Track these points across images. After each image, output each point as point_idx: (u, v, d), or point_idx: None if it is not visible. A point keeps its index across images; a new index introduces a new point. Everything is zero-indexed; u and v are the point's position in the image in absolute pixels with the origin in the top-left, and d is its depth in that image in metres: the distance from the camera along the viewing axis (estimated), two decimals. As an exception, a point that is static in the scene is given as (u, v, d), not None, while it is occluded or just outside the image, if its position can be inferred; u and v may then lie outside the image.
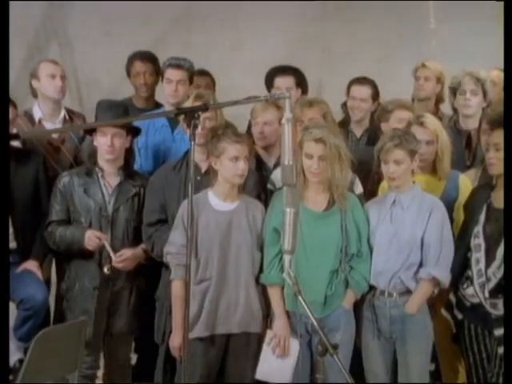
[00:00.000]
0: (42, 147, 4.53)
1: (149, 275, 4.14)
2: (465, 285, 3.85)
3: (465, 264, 3.85)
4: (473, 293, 3.79)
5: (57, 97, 4.61)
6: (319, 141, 3.68)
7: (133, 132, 4.15)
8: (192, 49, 5.08)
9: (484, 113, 4.59)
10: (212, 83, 5.37)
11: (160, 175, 4.06)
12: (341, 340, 3.60)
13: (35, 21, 5.91)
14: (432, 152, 4.08)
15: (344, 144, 3.77)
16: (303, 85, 4.98)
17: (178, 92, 4.57)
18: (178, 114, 3.33)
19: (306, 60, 5.47)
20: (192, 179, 2.98)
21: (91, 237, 3.98)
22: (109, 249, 3.98)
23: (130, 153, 4.20)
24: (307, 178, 3.75)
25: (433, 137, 4.07)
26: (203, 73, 5.26)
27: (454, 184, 4.13)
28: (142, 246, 4.06)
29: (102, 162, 4.10)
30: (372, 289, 3.83)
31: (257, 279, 3.79)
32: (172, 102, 4.58)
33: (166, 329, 3.91)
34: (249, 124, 4.62)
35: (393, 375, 3.86)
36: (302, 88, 4.95)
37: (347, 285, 3.78)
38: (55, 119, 4.64)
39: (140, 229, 4.07)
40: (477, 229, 3.82)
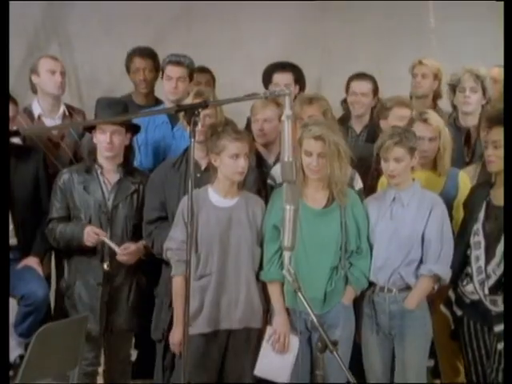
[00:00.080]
0: (42, 143, 4.53)
1: (148, 272, 4.14)
2: (464, 282, 3.85)
3: (464, 261, 3.86)
4: (472, 290, 3.80)
5: (56, 92, 4.62)
6: (318, 138, 3.67)
7: (132, 129, 4.16)
8: (192, 48, 5.06)
9: (483, 110, 4.60)
10: (212, 80, 5.38)
11: (160, 172, 4.06)
12: (340, 336, 3.61)
13: (35, 20, 5.90)
14: (434, 149, 4.10)
15: (343, 141, 3.76)
16: (301, 81, 4.98)
17: (178, 89, 4.57)
18: (178, 111, 3.33)
19: (306, 59, 5.45)
20: (192, 176, 2.99)
21: (90, 233, 3.99)
22: (110, 244, 3.99)
23: (130, 150, 4.19)
24: (307, 176, 3.75)
25: (435, 133, 4.09)
26: (203, 70, 5.27)
27: (454, 181, 4.14)
28: (143, 242, 4.06)
29: (102, 159, 4.11)
30: (372, 285, 3.83)
31: (257, 275, 3.79)
32: (172, 99, 4.57)
33: (166, 325, 3.90)
34: (248, 121, 4.63)
35: (392, 372, 3.85)
36: (300, 85, 4.95)
37: (347, 281, 3.78)
38: (55, 115, 4.65)
39: (139, 226, 4.07)
40: (476, 226, 3.83)
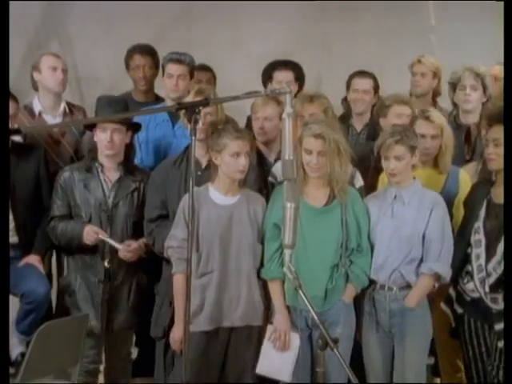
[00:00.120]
0: (43, 140, 4.54)
1: (149, 270, 4.14)
2: (465, 280, 3.85)
3: (465, 259, 3.86)
4: (473, 288, 3.80)
5: (57, 89, 4.63)
6: (318, 136, 3.67)
7: (133, 128, 4.15)
8: (192, 47, 5.06)
9: (484, 108, 4.61)
10: (213, 78, 5.37)
11: (161, 171, 4.06)
12: (341, 334, 3.61)
13: (35, 19, 5.90)
14: (436, 146, 4.11)
15: (344, 139, 3.76)
16: (301, 79, 4.99)
17: (179, 87, 4.56)
18: (179, 109, 3.32)
19: (306, 58, 5.45)
20: (193, 174, 2.98)
21: (89, 232, 3.99)
22: (111, 242, 3.99)
23: (131, 148, 4.19)
24: (307, 174, 3.74)
25: (438, 131, 4.10)
26: (204, 68, 5.26)
27: (455, 179, 4.15)
28: (143, 240, 4.06)
29: (102, 158, 4.11)
30: (372, 283, 3.83)
31: (258, 273, 3.79)
32: (173, 97, 4.57)
33: (166, 323, 3.90)
34: (248, 119, 4.63)
35: (392, 370, 3.85)
36: (300, 83, 4.96)
37: (347, 279, 3.78)
38: (55, 112, 4.66)
39: (139, 224, 4.07)
40: (477, 224, 3.83)
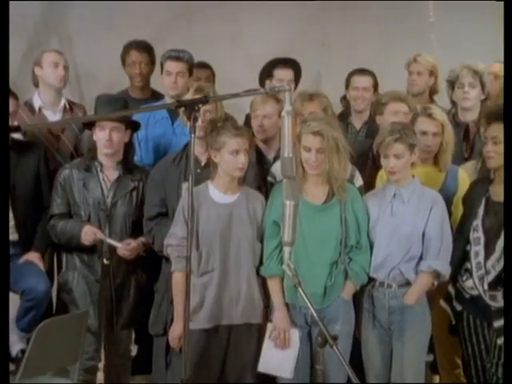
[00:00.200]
0: (42, 135, 4.55)
1: (148, 268, 4.15)
2: (464, 277, 3.86)
3: (464, 257, 3.86)
4: (472, 285, 3.81)
5: (57, 85, 4.64)
6: (317, 133, 3.67)
7: (132, 127, 4.15)
8: (192, 43, 5.05)
9: (483, 106, 4.61)
10: (212, 76, 5.36)
11: (160, 168, 4.06)
12: (340, 331, 3.62)
13: (36, 17, 5.90)
14: (437, 144, 4.11)
15: (342, 136, 3.75)
16: (298, 78, 5.01)
17: (178, 84, 4.56)
18: (179, 107, 3.33)
19: (306, 56, 5.46)
20: (192, 172, 2.99)
21: (88, 232, 4.00)
22: (110, 241, 3.99)
23: (130, 147, 4.19)
24: (306, 171, 3.74)
25: (439, 128, 4.10)
26: (203, 65, 5.25)
27: (454, 178, 4.15)
28: (141, 239, 4.06)
29: (101, 156, 4.11)
30: (371, 280, 3.83)
31: (257, 271, 3.79)
32: (172, 94, 4.57)
33: (167, 320, 3.90)
34: (246, 117, 4.63)
35: (391, 366, 3.86)
36: (297, 81, 4.98)
37: (347, 276, 3.78)
38: (56, 108, 4.67)
39: (138, 223, 4.07)
40: (476, 222, 3.83)
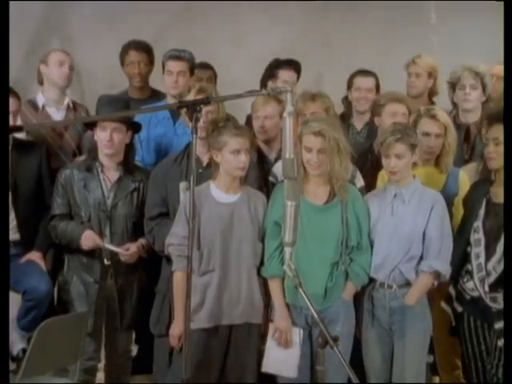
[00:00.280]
0: (46, 132, 4.56)
1: (149, 269, 4.15)
2: (465, 279, 3.85)
3: (464, 258, 3.86)
4: (473, 287, 3.81)
5: (62, 83, 4.67)
6: (318, 134, 3.67)
7: (133, 128, 4.15)
8: (193, 44, 5.06)
9: (485, 107, 4.61)
10: (214, 76, 5.36)
11: (162, 168, 4.06)
12: (341, 332, 3.60)
13: (37, 16, 5.91)
14: (440, 145, 4.11)
15: (343, 137, 3.76)
16: (298, 78, 5.04)
17: (179, 83, 4.56)
18: (180, 107, 3.33)
19: (307, 56, 5.47)
20: (194, 172, 3.00)
21: (88, 237, 3.99)
22: (111, 247, 4.00)
23: (131, 148, 4.18)
24: (307, 172, 3.74)
25: (442, 130, 4.11)
26: (205, 66, 5.26)
27: (455, 179, 4.15)
28: (141, 241, 4.07)
29: (102, 157, 4.10)
30: (372, 281, 3.84)
31: (258, 271, 3.79)
32: (173, 94, 4.57)
33: (169, 320, 3.88)
34: (247, 118, 4.64)
35: (391, 367, 3.86)
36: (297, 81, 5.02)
37: (347, 277, 3.79)
38: (60, 106, 4.70)
39: (139, 224, 4.07)
40: (476, 224, 3.83)
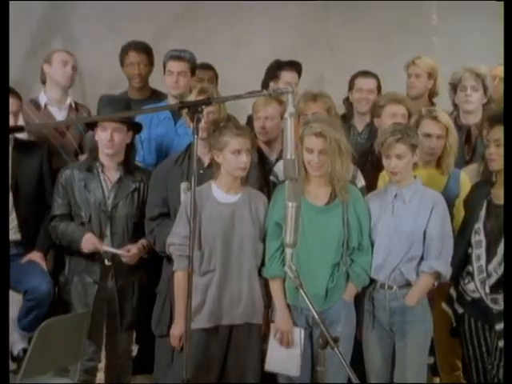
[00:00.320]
0: (47, 131, 4.57)
1: (150, 269, 4.15)
2: (466, 280, 3.85)
3: (465, 259, 3.86)
4: (474, 288, 3.80)
5: (64, 83, 4.68)
6: (319, 135, 3.67)
7: (134, 128, 4.15)
8: (194, 44, 5.07)
9: (486, 108, 4.61)
10: (215, 77, 5.36)
11: (162, 169, 4.06)
12: (341, 332, 3.61)
13: (38, 17, 5.91)
14: (441, 146, 4.12)
15: (345, 138, 3.76)
16: (299, 79, 5.04)
17: (179, 83, 4.57)
18: (182, 108, 3.34)
19: (308, 56, 5.47)
20: (195, 173, 3.01)
21: (89, 240, 3.99)
22: (112, 250, 4.00)
23: (131, 148, 4.19)
24: (308, 172, 3.74)
25: (444, 131, 4.11)
26: (206, 66, 5.26)
27: (456, 181, 4.15)
28: (142, 242, 4.07)
29: (102, 157, 4.11)
30: (372, 281, 3.83)
31: (259, 271, 3.79)
32: (174, 94, 4.58)
33: (170, 320, 3.89)
34: (248, 119, 4.64)
35: (393, 368, 3.86)
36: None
37: (348, 278, 3.78)
38: (62, 105, 4.71)
39: (140, 224, 4.08)
40: (477, 225, 3.83)
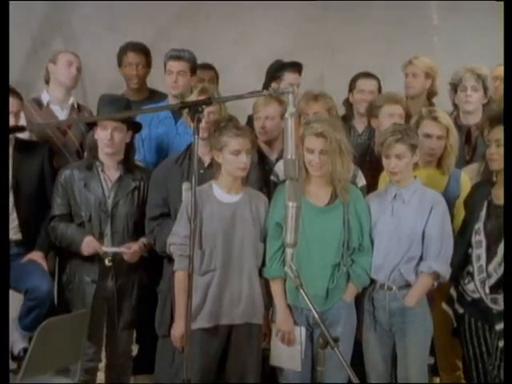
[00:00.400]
0: (50, 129, 4.58)
1: (150, 269, 4.15)
2: (466, 280, 3.85)
3: (465, 260, 3.86)
4: (474, 288, 3.81)
5: (68, 83, 4.70)
6: (320, 135, 3.67)
7: (133, 127, 4.15)
8: (194, 44, 5.07)
9: (486, 108, 4.61)
10: (216, 77, 5.36)
11: (163, 169, 4.06)
12: (342, 333, 3.62)
13: (39, 15, 5.92)
14: (442, 147, 4.12)
15: (345, 138, 3.76)
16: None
17: (178, 83, 4.56)
18: (182, 108, 3.34)
19: (308, 57, 5.47)
20: (196, 173, 3.01)
21: (89, 243, 4.00)
22: (113, 250, 4.00)
23: (131, 147, 4.18)
24: (309, 173, 3.75)
25: (444, 131, 4.11)
26: (207, 66, 5.26)
27: (457, 181, 4.15)
28: (143, 240, 4.07)
29: (102, 156, 4.11)
30: (372, 282, 3.84)
31: (259, 271, 3.79)
32: (173, 93, 4.57)
33: (171, 321, 3.89)
34: (248, 119, 4.64)
35: (393, 368, 3.88)
36: None
37: (349, 278, 3.79)
38: (64, 104, 4.72)
39: (140, 223, 4.08)
40: (478, 225, 3.83)
